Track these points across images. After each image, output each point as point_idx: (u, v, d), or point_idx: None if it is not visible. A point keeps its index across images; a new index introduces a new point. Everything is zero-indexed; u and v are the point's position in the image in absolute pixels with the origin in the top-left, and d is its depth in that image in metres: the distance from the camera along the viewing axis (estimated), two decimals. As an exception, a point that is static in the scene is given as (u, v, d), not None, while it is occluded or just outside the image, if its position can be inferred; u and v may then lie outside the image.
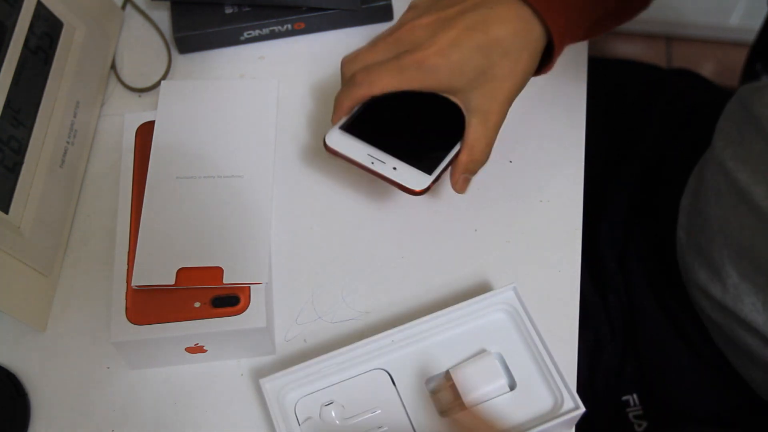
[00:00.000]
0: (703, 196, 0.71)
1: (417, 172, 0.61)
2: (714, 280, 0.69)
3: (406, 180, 0.61)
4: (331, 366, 0.60)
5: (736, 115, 0.70)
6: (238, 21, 0.77)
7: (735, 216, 0.67)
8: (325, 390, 0.60)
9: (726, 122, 0.71)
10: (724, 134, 0.70)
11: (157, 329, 0.60)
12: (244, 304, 0.61)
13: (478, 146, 0.62)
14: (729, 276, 0.67)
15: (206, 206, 0.65)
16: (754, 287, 0.65)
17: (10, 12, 0.63)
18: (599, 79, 0.79)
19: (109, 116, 0.76)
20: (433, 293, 0.67)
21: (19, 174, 0.63)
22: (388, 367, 0.61)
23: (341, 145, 0.62)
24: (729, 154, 0.68)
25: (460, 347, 0.61)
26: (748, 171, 0.65)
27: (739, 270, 0.66)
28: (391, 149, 0.62)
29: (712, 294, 0.69)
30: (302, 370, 0.60)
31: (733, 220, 0.67)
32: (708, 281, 0.70)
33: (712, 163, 0.71)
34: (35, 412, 0.63)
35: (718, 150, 0.70)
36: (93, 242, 0.69)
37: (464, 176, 0.63)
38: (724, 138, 0.70)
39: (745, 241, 0.66)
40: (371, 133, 0.63)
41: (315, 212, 0.71)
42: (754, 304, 0.65)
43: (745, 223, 0.66)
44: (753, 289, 0.65)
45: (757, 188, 0.64)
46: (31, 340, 0.65)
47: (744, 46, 1.01)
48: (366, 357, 0.61)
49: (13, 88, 0.63)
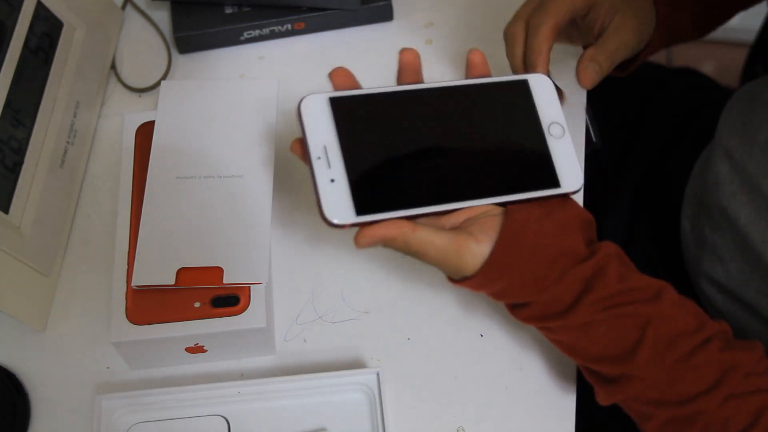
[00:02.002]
0: (710, 184, 0.72)
1: (349, 202, 0.49)
2: (718, 265, 0.69)
3: (328, 200, 0.49)
4: (173, 400, 0.60)
5: (743, 105, 0.70)
6: (238, 21, 0.77)
7: (738, 203, 0.67)
8: (161, 422, 0.60)
9: (731, 112, 0.71)
10: (729, 124, 0.71)
11: (157, 329, 0.60)
12: (244, 304, 0.61)
13: (611, 43, 0.64)
14: (733, 260, 0.68)
15: (206, 206, 0.65)
16: (758, 271, 0.65)
17: (10, 12, 0.63)
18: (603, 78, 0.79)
19: (109, 116, 0.76)
20: (433, 293, 0.67)
21: (19, 174, 0.63)
22: (229, 416, 0.61)
23: (311, 113, 0.50)
24: (735, 144, 0.68)
25: (303, 418, 0.61)
26: (755, 161, 0.66)
27: (743, 254, 0.67)
28: (350, 157, 0.50)
29: (717, 279, 0.70)
30: (144, 397, 0.60)
31: (736, 206, 0.67)
32: (712, 267, 0.70)
33: (717, 152, 0.71)
34: (35, 412, 0.63)
35: (723, 139, 0.70)
36: (93, 242, 0.69)
37: (592, 66, 0.63)
38: (729, 127, 0.70)
39: (746, 228, 0.66)
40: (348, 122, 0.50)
41: (315, 212, 0.71)
42: (760, 289, 0.65)
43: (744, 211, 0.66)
44: (758, 272, 0.65)
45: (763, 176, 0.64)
46: (31, 340, 0.65)
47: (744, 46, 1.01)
48: (210, 401, 0.61)
49: (13, 88, 0.62)
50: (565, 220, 0.54)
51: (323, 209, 0.49)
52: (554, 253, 0.54)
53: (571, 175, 0.54)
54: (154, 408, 0.60)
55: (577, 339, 0.56)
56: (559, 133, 0.54)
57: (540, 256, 0.53)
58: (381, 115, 0.52)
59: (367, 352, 0.65)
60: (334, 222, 0.49)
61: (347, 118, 0.50)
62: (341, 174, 0.49)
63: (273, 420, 0.61)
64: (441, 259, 0.53)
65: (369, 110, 0.52)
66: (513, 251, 0.53)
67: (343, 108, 0.50)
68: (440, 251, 0.52)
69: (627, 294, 0.54)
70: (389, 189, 0.50)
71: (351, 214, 0.49)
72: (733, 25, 1.65)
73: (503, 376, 0.64)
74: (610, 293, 0.54)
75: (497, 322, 0.66)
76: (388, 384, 0.63)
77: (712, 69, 1.71)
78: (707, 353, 0.53)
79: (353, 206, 0.49)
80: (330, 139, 0.50)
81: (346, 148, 0.50)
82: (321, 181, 0.49)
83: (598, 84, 0.67)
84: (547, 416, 0.63)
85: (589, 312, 0.53)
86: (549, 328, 0.57)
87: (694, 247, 0.74)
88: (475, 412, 0.63)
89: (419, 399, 0.63)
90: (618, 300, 0.54)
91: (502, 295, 0.56)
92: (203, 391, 0.60)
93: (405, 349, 0.65)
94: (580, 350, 0.57)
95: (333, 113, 0.50)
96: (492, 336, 0.66)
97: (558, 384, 0.64)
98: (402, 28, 0.80)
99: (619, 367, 0.55)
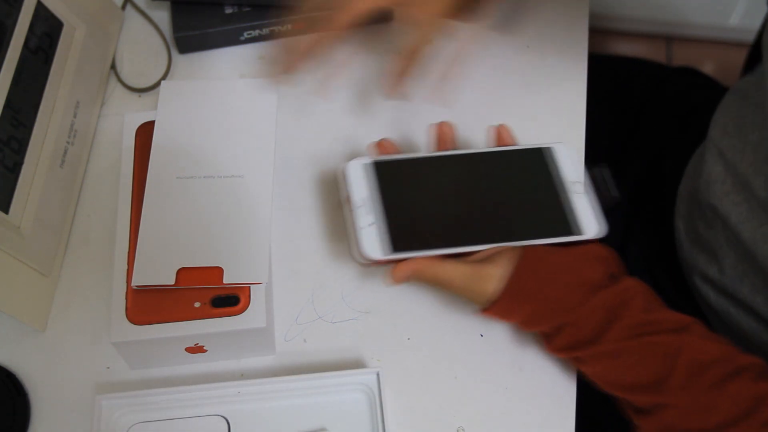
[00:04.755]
0: (703, 183, 0.72)
1: (387, 241, 0.57)
2: (712, 263, 0.70)
3: (367, 240, 0.57)
4: (173, 400, 0.60)
5: (735, 105, 0.70)
6: (238, 21, 0.77)
7: (730, 202, 0.67)
8: (161, 422, 0.60)
9: (724, 112, 0.72)
10: (721, 124, 0.71)
11: (157, 329, 0.60)
12: (244, 304, 0.61)
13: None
14: (726, 257, 0.68)
15: (206, 206, 0.65)
16: (752, 268, 0.66)
17: (10, 12, 0.63)
18: (603, 76, 0.80)
19: (109, 116, 0.76)
20: (433, 293, 0.67)
21: (19, 174, 0.63)
22: (229, 416, 0.61)
23: (354, 175, 0.59)
24: (726, 144, 0.69)
25: (303, 418, 0.61)
26: (746, 161, 0.66)
27: (736, 252, 0.67)
28: (388, 205, 0.58)
29: (711, 277, 0.70)
30: (144, 397, 0.60)
31: (728, 205, 0.68)
32: (707, 264, 0.70)
33: (710, 151, 0.72)
34: (35, 412, 0.63)
35: (716, 139, 0.70)
36: (93, 242, 0.69)
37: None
38: (721, 127, 0.71)
39: (738, 226, 0.66)
40: (387, 179, 0.59)
41: (315, 212, 0.71)
42: (754, 284, 0.66)
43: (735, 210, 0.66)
44: (751, 269, 0.66)
45: (755, 176, 0.65)
46: (31, 340, 0.65)
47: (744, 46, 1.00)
48: (210, 401, 0.61)
49: (13, 88, 0.62)
50: (584, 252, 0.58)
51: (362, 247, 0.56)
52: (574, 279, 0.56)
53: (592, 225, 0.60)
54: (154, 408, 0.60)
55: (610, 368, 0.57)
56: (579, 190, 0.61)
57: (559, 281, 0.56)
58: (418, 172, 0.60)
59: (367, 352, 0.65)
60: (373, 258, 0.56)
61: (386, 176, 0.59)
62: (380, 219, 0.57)
63: (273, 420, 0.61)
64: (465, 285, 0.57)
65: (407, 169, 0.61)
66: (533, 274, 0.56)
67: (382, 168, 0.60)
68: (464, 278, 0.57)
69: (655, 324, 0.55)
70: (422, 232, 0.58)
71: (388, 251, 0.56)
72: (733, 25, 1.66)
73: (503, 376, 0.64)
74: (638, 322, 0.55)
75: (497, 322, 0.66)
76: (388, 384, 0.63)
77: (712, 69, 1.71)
78: (741, 381, 0.54)
79: (390, 245, 0.57)
80: (370, 192, 0.59)
81: (385, 198, 0.58)
82: (361, 225, 0.57)
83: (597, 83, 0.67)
84: (547, 416, 0.63)
85: (619, 339, 0.55)
86: (581, 359, 0.58)
87: (688, 245, 0.74)
88: (475, 412, 0.63)
89: (419, 399, 0.63)
90: (647, 329, 0.55)
91: (531, 321, 0.58)
92: (203, 391, 0.60)
93: (405, 349, 0.65)
94: (613, 380, 0.58)
95: (374, 172, 0.59)
96: (492, 336, 0.66)
97: (558, 384, 0.64)
98: (402, 28, 0.80)
99: (652, 395, 0.55)
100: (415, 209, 0.59)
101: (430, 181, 0.61)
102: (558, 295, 0.56)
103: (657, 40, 1.74)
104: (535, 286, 0.56)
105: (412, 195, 0.60)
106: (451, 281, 0.57)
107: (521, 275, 0.56)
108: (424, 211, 0.59)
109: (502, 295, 0.57)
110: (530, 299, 0.57)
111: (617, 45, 1.73)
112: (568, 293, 0.56)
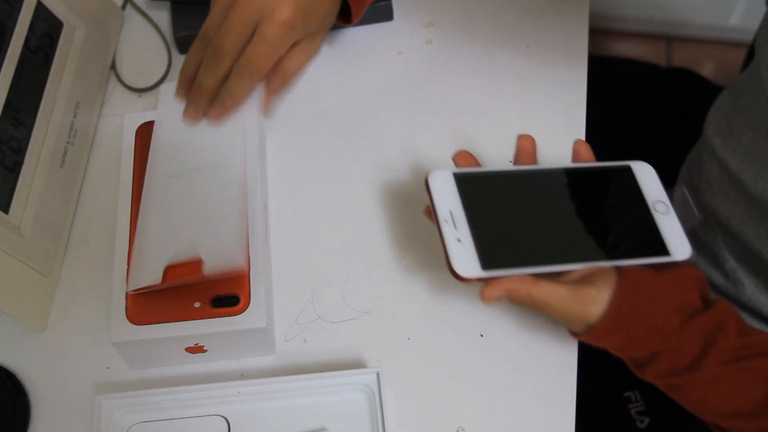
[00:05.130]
0: (697, 183, 0.72)
1: (475, 258, 0.54)
2: (713, 266, 0.70)
3: (456, 256, 0.54)
4: (173, 400, 0.60)
5: (728, 106, 0.70)
6: (238, 21, 0.77)
7: (727, 202, 0.67)
8: (161, 422, 0.60)
9: (717, 113, 0.72)
10: (714, 124, 0.71)
11: (157, 329, 0.60)
12: (244, 304, 0.61)
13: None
14: (726, 260, 0.68)
15: (193, 202, 0.64)
16: (752, 269, 0.66)
17: (10, 12, 0.63)
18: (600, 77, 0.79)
19: (109, 116, 0.76)
20: (433, 293, 0.67)
21: (19, 174, 0.63)
22: (229, 416, 0.61)
23: (438, 185, 0.57)
24: (719, 144, 0.69)
25: (303, 418, 0.61)
26: (737, 159, 0.66)
27: (735, 254, 0.67)
28: (474, 220, 0.56)
29: (712, 280, 0.70)
30: (144, 397, 0.60)
31: (725, 206, 0.68)
32: (707, 267, 0.70)
33: (704, 151, 0.72)
34: (35, 412, 0.63)
35: (709, 139, 0.71)
36: (93, 242, 0.69)
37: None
38: (714, 127, 0.71)
39: (737, 226, 0.66)
40: (471, 193, 0.57)
41: (315, 212, 0.71)
42: (756, 285, 0.66)
43: (736, 209, 0.66)
44: (752, 270, 0.66)
45: (747, 176, 0.65)
46: (31, 340, 0.65)
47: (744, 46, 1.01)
48: (210, 401, 0.61)
49: (13, 88, 0.62)
50: (680, 276, 0.56)
51: (452, 264, 0.53)
52: (672, 304, 0.54)
53: (680, 246, 0.57)
54: (154, 408, 0.60)
55: (708, 395, 0.55)
56: (663, 209, 0.59)
57: (659, 306, 0.54)
58: (503, 187, 0.58)
59: (367, 352, 0.65)
60: (462, 276, 0.53)
61: (470, 189, 0.57)
62: (467, 235, 0.54)
63: (273, 420, 0.61)
64: (563, 308, 0.55)
65: (491, 183, 0.58)
66: (632, 299, 0.54)
67: (466, 181, 0.57)
68: (562, 300, 0.54)
69: (752, 347, 0.54)
70: (512, 249, 0.56)
71: (477, 269, 0.53)
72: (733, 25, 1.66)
73: (503, 376, 0.64)
74: (735, 346, 0.54)
75: (497, 322, 0.66)
76: (388, 384, 0.63)
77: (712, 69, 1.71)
78: None
79: (479, 262, 0.53)
80: (455, 206, 0.56)
81: (470, 213, 0.55)
82: (449, 240, 0.54)
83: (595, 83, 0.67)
84: (547, 416, 0.63)
85: (717, 364, 0.54)
86: (678, 386, 0.57)
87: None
88: (475, 412, 0.63)
89: (419, 399, 0.63)
90: (744, 353, 0.54)
91: (627, 347, 0.57)
92: (203, 391, 0.60)
93: (405, 349, 0.65)
94: (711, 407, 0.56)
95: (457, 184, 0.57)
96: (492, 336, 0.66)
97: (558, 384, 0.64)
98: (402, 28, 0.80)
99: (752, 422, 0.54)
100: (502, 225, 0.57)
101: (515, 197, 0.58)
102: (656, 318, 0.54)
103: (657, 40, 1.74)
104: (636, 312, 0.54)
105: (498, 210, 0.57)
106: (548, 303, 0.54)
107: (623, 300, 0.54)
108: (512, 228, 0.57)
109: (602, 320, 0.54)
110: (631, 325, 0.55)
111: (617, 45, 1.73)
112: (668, 319, 0.54)
